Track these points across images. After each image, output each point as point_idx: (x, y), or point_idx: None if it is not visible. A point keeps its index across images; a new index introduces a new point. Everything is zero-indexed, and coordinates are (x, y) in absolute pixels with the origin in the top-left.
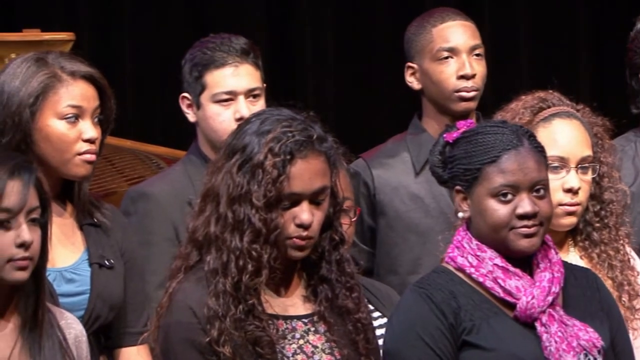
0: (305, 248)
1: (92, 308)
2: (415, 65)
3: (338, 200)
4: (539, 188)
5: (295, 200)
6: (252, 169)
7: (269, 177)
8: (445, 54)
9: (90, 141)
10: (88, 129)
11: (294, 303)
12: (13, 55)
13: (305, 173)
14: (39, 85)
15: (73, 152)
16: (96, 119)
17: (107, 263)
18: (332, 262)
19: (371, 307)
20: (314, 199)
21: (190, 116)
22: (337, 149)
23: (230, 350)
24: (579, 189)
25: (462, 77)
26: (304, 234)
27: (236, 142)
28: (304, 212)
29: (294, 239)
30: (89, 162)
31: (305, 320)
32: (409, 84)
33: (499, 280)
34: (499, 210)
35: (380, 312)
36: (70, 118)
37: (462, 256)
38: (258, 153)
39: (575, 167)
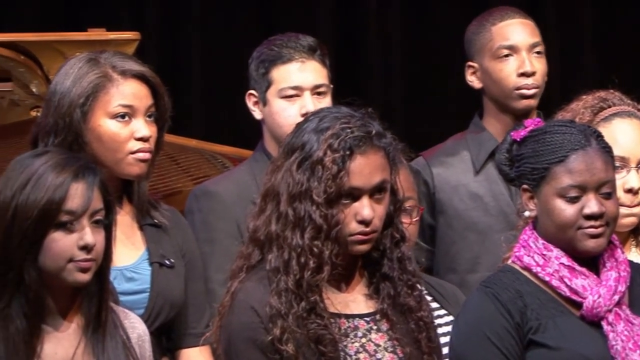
0: (367, 242)
1: (152, 306)
2: (475, 64)
3: (398, 197)
4: (605, 188)
5: (356, 195)
6: (311, 165)
7: (329, 173)
8: (505, 51)
9: (143, 139)
10: (141, 127)
11: (355, 299)
12: (78, 54)
13: (365, 168)
14: (89, 85)
15: (125, 151)
16: (151, 117)
17: (168, 262)
18: (393, 260)
19: (437, 305)
20: (374, 193)
21: (257, 113)
22: (396, 145)
23: (293, 348)
24: (639, 189)
25: (522, 74)
26: (367, 229)
27: (295, 140)
28: (365, 208)
29: (357, 235)
30: (143, 161)
31: (368, 319)
32: (470, 83)
33: (565, 279)
34: (566, 210)
35: (446, 310)
36: (121, 117)
37: (529, 255)
38: (317, 150)
39: (636, 167)
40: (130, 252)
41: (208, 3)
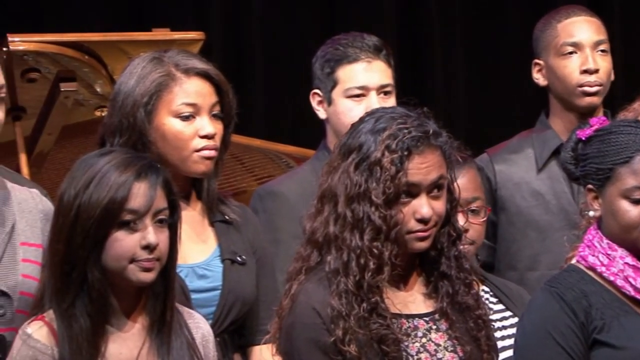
0: (426, 239)
1: (223, 304)
2: (541, 62)
3: (455, 195)
4: None
5: (414, 193)
6: (369, 167)
7: (387, 174)
8: (570, 48)
9: (207, 137)
10: (205, 125)
11: (415, 299)
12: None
13: (422, 165)
14: (152, 84)
15: (190, 149)
16: (215, 115)
17: (239, 259)
18: (450, 258)
19: (502, 307)
20: (431, 190)
21: (321, 113)
22: (452, 143)
23: (355, 349)
24: None
25: (585, 71)
26: (426, 227)
27: (351, 141)
28: (424, 206)
29: (416, 232)
30: (208, 158)
31: (427, 319)
32: (536, 81)
33: (630, 279)
34: (631, 211)
35: (512, 311)
36: (185, 115)
37: (593, 255)
38: (375, 151)
39: None
40: (201, 249)
41: (271, 2)
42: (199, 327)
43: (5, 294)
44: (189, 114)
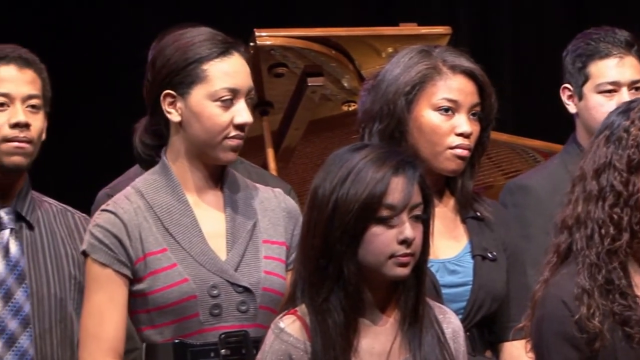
0: None
1: (474, 299)
2: None
3: None
4: None
5: None
6: (618, 138)
7: (634, 140)
8: None
9: (463, 135)
10: (462, 123)
11: None
12: (390, 49)
13: None
14: (416, 75)
15: (444, 145)
16: (474, 116)
17: (490, 255)
18: None
19: None
20: None
21: (571, 107)
22: None
23: (599, 325)
24: None
25: None
26: None
27: (601, 127)
28: None
29: None
30: (460, 158)
31: None
32: None
33: None
34: None
35: None
36: (444, 110)
37: None
38: (625, 121)
39: None
40: (452, 245)
41: None
42: (450, 322)
43: (248, 290)
44: (449, 110)
